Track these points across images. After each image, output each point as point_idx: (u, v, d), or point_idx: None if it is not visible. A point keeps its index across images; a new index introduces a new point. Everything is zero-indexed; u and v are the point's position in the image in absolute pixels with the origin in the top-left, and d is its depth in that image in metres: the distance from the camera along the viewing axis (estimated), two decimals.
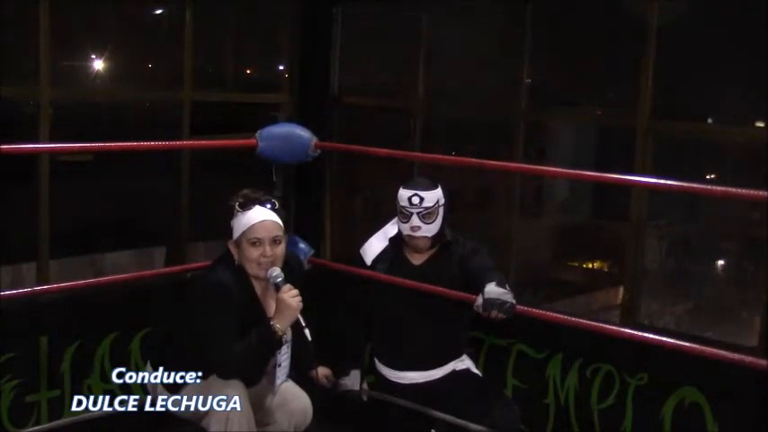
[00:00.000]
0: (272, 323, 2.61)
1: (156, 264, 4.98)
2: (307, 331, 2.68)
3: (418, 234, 3.12)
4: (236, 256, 2.72)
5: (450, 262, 3.16)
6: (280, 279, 2.67)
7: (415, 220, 3.11)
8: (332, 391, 3.21)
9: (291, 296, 2.63)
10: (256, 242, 2.67)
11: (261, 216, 2.68)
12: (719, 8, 3.56)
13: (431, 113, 4.33)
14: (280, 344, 2.66)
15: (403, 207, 3.13)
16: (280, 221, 2.72)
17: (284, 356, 2.77)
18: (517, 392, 3.51)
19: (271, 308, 2.71)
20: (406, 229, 3.15)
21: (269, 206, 2.72)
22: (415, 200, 3.09)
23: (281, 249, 2.71)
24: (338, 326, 3.28)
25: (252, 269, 2.69)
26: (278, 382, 2.79)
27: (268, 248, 2.67)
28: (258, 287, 2.75)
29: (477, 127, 4.93)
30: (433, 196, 3.11)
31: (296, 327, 2.71)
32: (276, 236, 2.69)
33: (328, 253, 4.57)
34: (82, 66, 5.02)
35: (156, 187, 4.91)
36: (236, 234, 2.69)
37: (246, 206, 2.69)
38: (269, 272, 2.68)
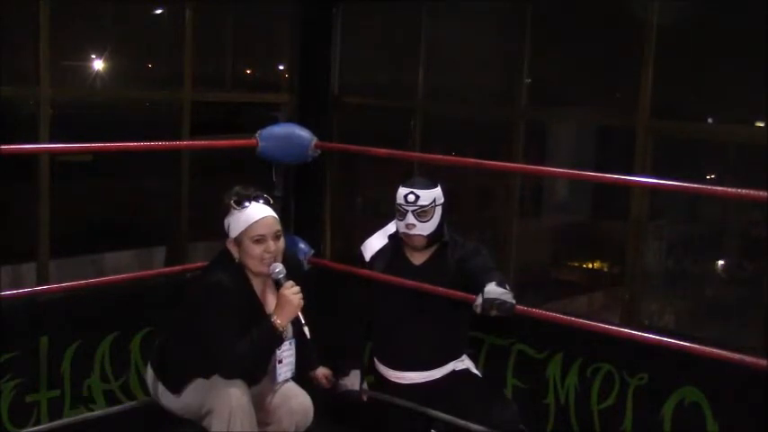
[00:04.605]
0: (272, 319, 2.61)
1: (156, 264, 4.97)
2: (306, 329, 2.68)
3: (413, 232, 3.12)
4: (235, 255, 2.70)
5: (451, 262, 3.16)
6: (282, 275, 2.67)
7: (410, 218, 3.11)
8: (332, 391, 3.21)
9: (293, 292, 2.63)
10: (260, 239, 2.66)
11: (261, 212, 2.67)
12: (719, 8, 3.56)
13: (431, 113, 4.33)
14: (281, 340, 2.66)
15: (399, 205, 3.13)
16: (277, 216, 2.72)
17: (286, 354, 2.78)
18: (517, 392, 3.51)
19: (271, 305, 2.70)
20: (401, 227, 3.15)
21: (263, 201, 2.71)
22: (411, 197, 3.10)
23: (282, 244, 2.72)
24: (338, 326, 3.27)
25: (255, 266, 2.69)
26: (279, 379, 2.79)
27: (271, 244, 2.67)
28: (257, 285, 2.74)
29: (477, 126, 4.93)
30: (430, 195, 3.11)
31: (297, 325, 2.72)
32: (277, 230, 2.69)
33: (328, 253, 4.57)
34: (82, 66, 5.02)
35: (156, 187, 4.91)
36: (235, 232, 2.68)
37: (243, 203, 2.68)
38: (271, 267, 2.67)
